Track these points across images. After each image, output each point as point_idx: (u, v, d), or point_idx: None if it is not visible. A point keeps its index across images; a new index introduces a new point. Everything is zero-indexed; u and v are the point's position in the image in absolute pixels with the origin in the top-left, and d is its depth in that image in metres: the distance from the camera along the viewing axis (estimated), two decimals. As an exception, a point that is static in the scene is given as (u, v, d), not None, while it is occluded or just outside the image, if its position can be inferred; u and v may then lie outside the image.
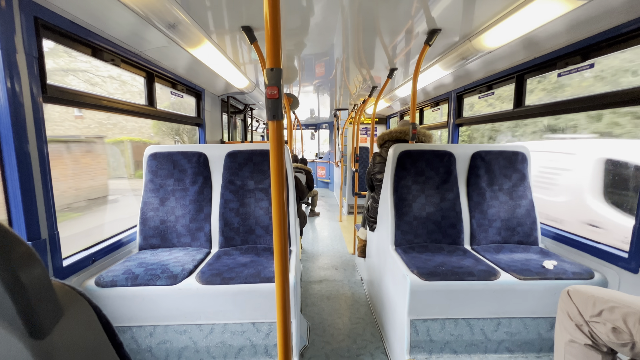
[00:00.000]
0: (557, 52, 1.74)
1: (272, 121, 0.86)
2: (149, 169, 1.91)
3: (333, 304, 2.49)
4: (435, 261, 1.62)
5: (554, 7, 1.33)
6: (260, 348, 1.52)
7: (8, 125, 1.09)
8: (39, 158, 1.20)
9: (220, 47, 2.10)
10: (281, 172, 0.89)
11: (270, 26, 0.80)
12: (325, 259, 3.54)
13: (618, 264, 1.43)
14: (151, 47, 1.83)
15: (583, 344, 1.06)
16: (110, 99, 1.66)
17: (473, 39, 1.83)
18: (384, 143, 2.35)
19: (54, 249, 1.28)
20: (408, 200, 1.92)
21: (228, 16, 1.65)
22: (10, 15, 1.07)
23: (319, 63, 2.73)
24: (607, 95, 1.49)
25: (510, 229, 1.92)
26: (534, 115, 2.00)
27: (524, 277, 1.49)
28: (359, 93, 4.11)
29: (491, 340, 1.55)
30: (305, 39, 2.06)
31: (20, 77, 1.11)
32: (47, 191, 1.24)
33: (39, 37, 1.19)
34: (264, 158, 1.95)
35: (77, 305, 0.40)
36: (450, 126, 3.03)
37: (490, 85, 2.45)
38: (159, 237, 1.87)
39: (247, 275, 1.49)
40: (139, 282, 1.44)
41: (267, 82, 0.84)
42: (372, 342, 2.00)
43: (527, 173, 1.97)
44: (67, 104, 1.43)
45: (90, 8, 1.35)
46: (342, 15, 1.69)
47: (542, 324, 1.54)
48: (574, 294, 1.13)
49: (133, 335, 1.49)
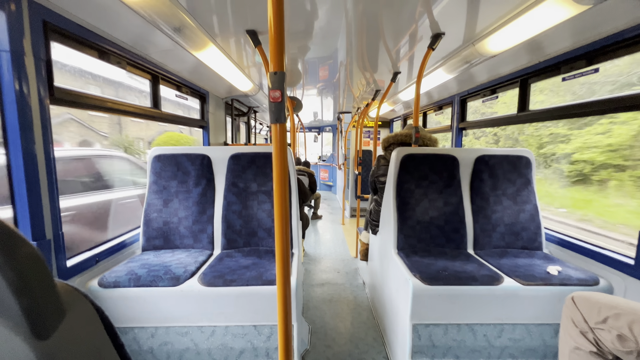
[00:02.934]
0: (561, 56, 1.73)
1: (275, 124, 0.87)
2: (153, 171, 1.92)
3: (335, 308, 2.48)
4: (438, 265, 1.61)
5: (558, 11, 1.32)
6: (261, 351, 1.51)
7: (15, 127, 1.11)
8: (45, 159, 1.21)
9: (224, 51, 2.12)
10: (284, 174, 0.89)
11: (274, 30, 0.81)
12: (327, 262, 3.53)
13: (624, 270, 1.41)
14: (157, 50, 1.85)
15: (588, 351, 1.05)
16: (115, 101, 1.68)
17: (477, 43, 1.83)
18: (389, 146, 2.34)
19: (58, 249, 1.29)
20: (411, 204, 1.91)
21: (233, 20, 1.67)
22: (20, 19, 1.09)
23: (323, 66, 2.74)
24: (611, 101, 1.48)
25: (514, 234, 1.90)
26: (538, 119, 1.98)
27: (527, 283, 1.48)
28: (362, 96, 4.12)
29: (494, 346, 1.53)
30: (310, 42, 2.07)
31: (28, 80, 1.13)
32: (53, 192, 1.25)
33: (47, 40, 1.21)
34: (267, 160, 1.96)
35: (80, 306, 0.40)
36: (453, 130, 3.02)
37: (494, 89, 2.44)
38: (162, 238, 1.88)
39: (249, 277, 1.49)
40: (141, 283, 1.45)
41: (271, 86, 0.85)
42: (374, 346, 1.98)
43: (532, 178, 1.95)
44: (73, 106, 1.45)
45: (99, 12, 1.37)
46: (346, 19, 1.70)
47: (547, 330, 1.52)
48: (579, 300, 1.12)
49: (135, 336, 1.49)
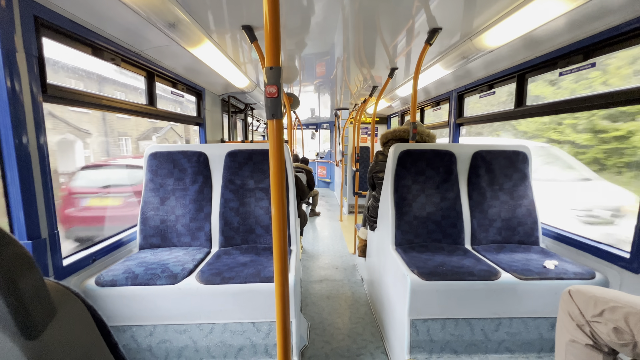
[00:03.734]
0: (558, 51, 1.73)
1: (272, 120, 0.86)
2: (149, 169, 1.91)
3: (333, 304, 2.49)
4: (436, 261, 1.62)
5: (555, 6, 1.32)
6: (260, 347, 1.52)
7: (8, 125, 1.09)
8: (39, 157, 1.20)
9: (220, 47, 2.10)
10: (281, 171, 0.89)
11: (270, 25, 0.80)
12: (325, 258, 3.54)
13: (619, 264, 1.42)
14: (151, 46, 1.82)
15: (584, 344, 1.06)
16: (110, 98, 1.66)
17: (474, 38, 1.82)
18: (387, 142, 2.34)
19: (54, 248, 1.28)
20: (408, 200, 1.92)
21: (228, 15, 1.65)
22: (10, 14, 1.07)
23: (320, 62, 2.72)
24: (608, 95, 1.48)
25: (511, 228, 1.91)
26: (535, 114, 1.99)
27: (524, 277, 1.49)
28: (359, 92, 4.11)
29: (492, 340, 1.54)
30: (306, 38, 2.06)
31: (20, 77, 1.11)
32: (47, 191, 1.24)
33: (39, 36, 1.19)
34: (264, 157, 1.95)
35: (71, 304, 0.40)
36: (451, 126, 3.02)
37: (491, 84, 2.44)
38: (159, 236, 1.87)
39: (247, 274, 1.49)
40: (139, 281, 1.44)
41: (267, 81, 0.84)
42: (372, 341, 2.00)
43: (528, 173, 1.96)
44: (67, 103, 1.43)
45: (91, 7, 1.35)
46: (343, 15, 1.69)
47: (543, 324, 1.53)
48: (575, 294, 1.12)
49: (133, 334, 1.49)
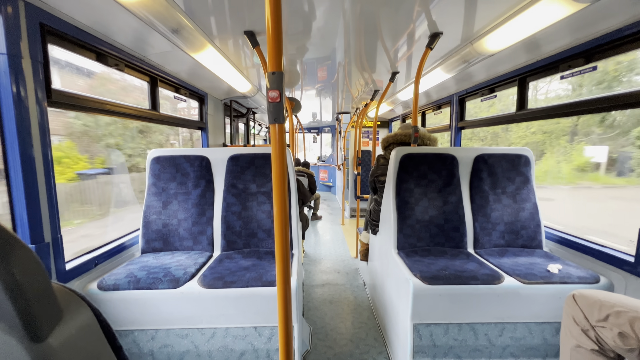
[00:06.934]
0: (559, 54, 1.73)
1: (274, 124, 0.87)
2: (152, 173, 1.92)
3: (335, 308, 2.47)
4: (438, 265, 1.61)
5: (556, 10, 1.32)
6: (262, 352, 1.51)
7: (13, 130, 1.10)
8: (43, 162, 1.21)
9: (223, 52, 2.12)
10: (283, 175, 0.89)
11: (272, 30, 0.81)
12: (327, 262, 3.53)
13: (624, 268, 1.41)
14: (155, 52, 1.85)
15: (589, 349, 1.05)
16: (114, 103, 1.67)
17: (475, 42, 1.83)
18: (389, 145, 2.34)
19: (57, 252, 1.29)
20: (410, 204, 1.91)
21: (231, 21, 1.67)
22: (17, 21, 1.09)
23: (321, 67, 2.74)
24: (610, 98, 1.48)
25: (514, 232, 1.90)
26: (537, 118, 1.99)
27: (528, 281, 1.48)
28: (361, 96, 4.12)
29: (495, 345, 1.53)
30: (308, 43, 2.07)
31: (25, 82, 1.13)
32: (51, 195, 1.25)
33: (44, 42, 1.21)
34: (266, 161, 1.96)
35: (77, 308, 0.40)
36: (452, 129, 3.02)
37: (493, 88, 2.44)
38: (161, 240, 1.87)
39: (249, 279, 1.49)
40: (141, 285, 1.44)
41: (269, 86, 0.84)
42: (375, 346, 1.98)
43: (531, 176, 1.95)
44: (71, 109, 1.44)
45: (95, 14, 1.37)
46: (344, 19, 1.70)
47: (548, 329, 1.52)
48: (580, 298, 1.11)
49: (135, 339, 1.49)
